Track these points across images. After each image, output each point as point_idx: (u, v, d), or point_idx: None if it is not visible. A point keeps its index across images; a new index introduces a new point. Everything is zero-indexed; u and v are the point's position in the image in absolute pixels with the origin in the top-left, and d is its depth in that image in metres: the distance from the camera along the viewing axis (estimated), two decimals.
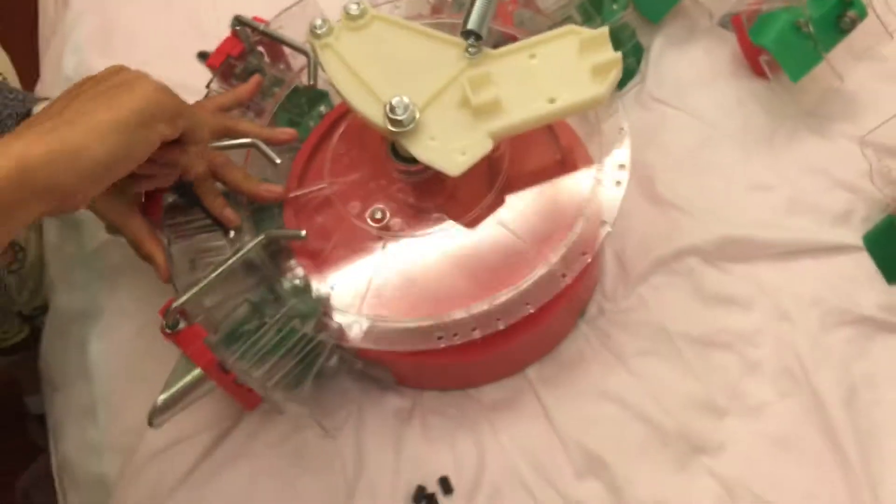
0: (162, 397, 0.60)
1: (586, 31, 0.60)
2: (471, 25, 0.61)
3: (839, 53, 0.76)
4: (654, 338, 0.69)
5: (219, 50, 0.71)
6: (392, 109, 0.58)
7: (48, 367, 0.79)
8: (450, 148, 0.58)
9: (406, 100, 0.58)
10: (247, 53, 0.72)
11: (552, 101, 0.59)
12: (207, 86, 0.71)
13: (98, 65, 0.83)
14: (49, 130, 0.48)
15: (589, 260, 0.59)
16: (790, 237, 0.72)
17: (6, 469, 1.06)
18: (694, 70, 0.81)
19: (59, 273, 0.79)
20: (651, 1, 0.81)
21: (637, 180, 0.75)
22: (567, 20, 0.72)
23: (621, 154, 0.63)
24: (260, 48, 0.73)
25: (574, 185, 0.64)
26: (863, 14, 0.72)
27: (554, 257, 0.60)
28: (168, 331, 0.60)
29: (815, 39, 0.72)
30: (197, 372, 0.60)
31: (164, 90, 0.54)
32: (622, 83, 0.81)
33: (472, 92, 0.58)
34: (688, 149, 0.77)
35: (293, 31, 0.73)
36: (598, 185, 0.62)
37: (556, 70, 0.60)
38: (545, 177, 0.65)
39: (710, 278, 0.71)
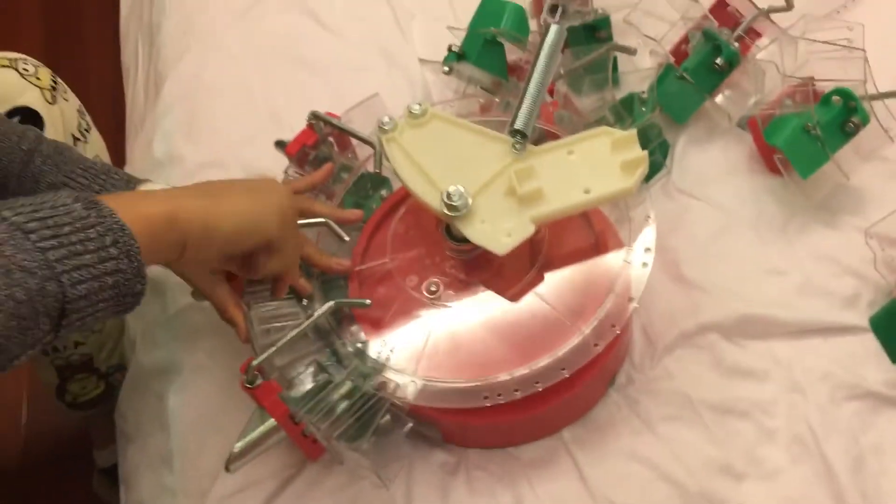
0: (239, 445, 0.68)
1: (618, 132, 0.69)
2: (518, 125, 0.70)
3: (846, 154, 0.84)
4: (678, 405, 0.76)
5: (296, 140, 0.81)
6: (449, 196, 0.67)
7: (124, 420, 0.87)
8: (497, 230, 0.67)
9: (461, 188, 0.67)
10: (320, 143, 0.82)
11: (587, 191, 0.67)
12: (285, 171, 0.81)
13: (184, 150, 0.94)
14: (200, 197, 0.60)
15: (618, 331, 0.66)
16: (802, 317, 0.79)
17: None
18: (714, 165, 0.89)
19: (141, 333, 0.87)
20: (676, 104, 0.89)
21: (663, 262, 0.83)
22: (601, 121, 0.82)
23: (648, 238, 0.71)
24: (331, 139, 0.83)
25: (605, 264, 0.72)
26: (865, 120, 0.80)
27: (587, 328, 0.67)
28: (248, 385, 0.68)
29: (822, 141, 0.80)
30: (271, 422, 0.68)
31: (291, 201, 0.67)
32: (650, 175, 0.89)
33: (518, 182, 0.67)
34: (709, 235, 0.84)
35: (360, 124, 0.83)
36: (627, 265, 0.70)
37: (591, 165, 0.69)
38: (580, 257, 0.73)
39: (730, 352, 0.78)
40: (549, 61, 0.73)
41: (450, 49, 0.89)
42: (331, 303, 0.70)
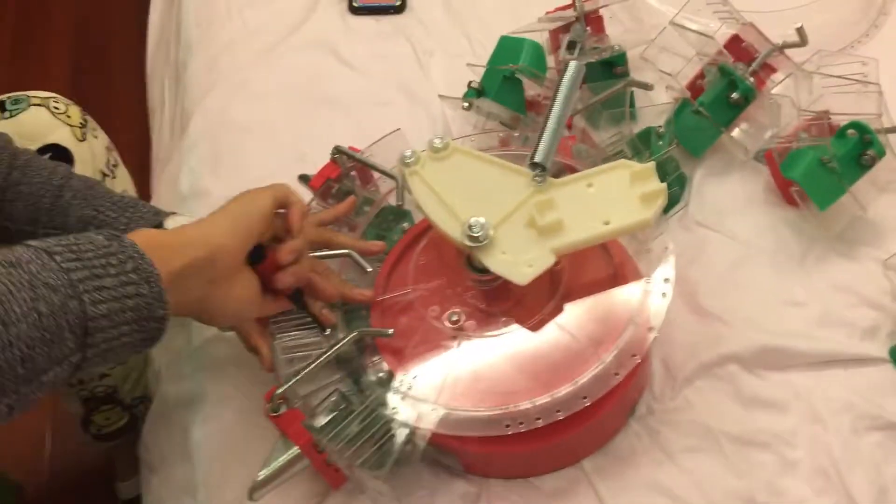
0: (262, 473, 0.69)
1: (637, 165, 0.70)
2: (537, 158, 0.72)
3: (863, 186, 0.84)
4: (699, 436, 0.76)
5: (320, 173, 0.83)
6: (470, 228, 0.68)
7: (148, 451, 0.88)
8: (518, 261, 0.68)
9: (482, 220, 0.68)
10: (343, 177, 0.84)
11: (607, 223, 0.69)
12: (308, 204, 0.83)
13: (210, 184, 0.96)
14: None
15: (638, 360, 0.67)
16: (822, 348, 0.79)
17: None
18: (732, 198, 0.90)
19: (166, 365, 0.89)
20: (693, 138, 0.91)
21: (681, 294, 0.84)
22: (619, 154, 0.83)
23: (667, 270, 0.72)
24: (353, 173, 0.85)
25: (625, 295, 0.73)
26: (881, 153, 0.81)
27: (607, 357, 0.68)
28: (272, 414, 0.69)
29: (838, 174, 0.81)
30: (295, 451, 0.69)
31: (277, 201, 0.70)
32: (668, 208, 0.90)
33: (538, 214, 0.68)
34: (727, 267, 0.85)
35: (382, 158, 0.85)
36: (647, 295, 0.71)
37: (611, 197, 0.70)
38: (599, 287, 0.74)
39: (750, 383, 0.78)
40: (568, 96, 0.74)
41: (469, 85, 0.91)
42: (354, 332, 0.72)
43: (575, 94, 0.75)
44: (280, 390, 0.69)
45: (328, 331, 0.74)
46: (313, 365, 0.70)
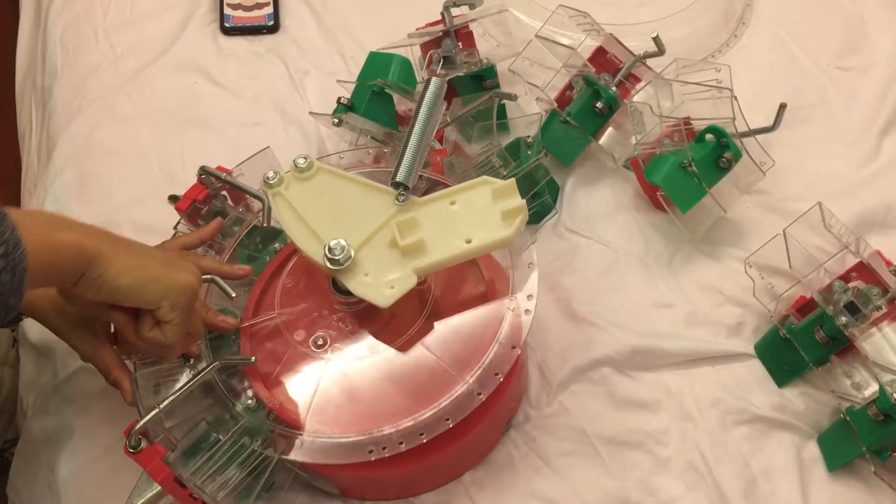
0: None
1: (498, 182, 0.68)
2: (399, 178, 0.69)
3: (726, 188, 0.87)
4: (574, 440, 0.77)
5: (186, 196, 0.81)
6: (331, 251, 0.66)
7: (17, 494, 0.83)
8: (380, 283, 0.66)
9: (343, 242, 0.66)
10: (211, 198, 0.82)
11: (468, 241, 0.66)
12: (175, 227, 0.80)
13: (76, 212, 0.93)
14: (112, 244, 0.60)
15: (501, 379, 0.66)
16: (690, 347, 0.81)
17: None
18: (602, 205, 0.92)
19: (32, 402, 0.85)
20: (563, 147, 0.93)
21: (556, 300, 0.85)
22: (486, 164, 0.84)
23: (531, 285, 0.71)
24: (224, 193, 0.83)
25: (490, 313, 0.71)
26: (738, 155, 0.84)
27: (471, 378, 0.67)
28: (131, 450, 0.66)
29: (698, 177, 0.84)
30: (157, 488, 0.66)
31: (195, 290, 0.65)
32: (540, 217, 0.92)
33: (399, 234, 0.66)
34: (599, 272, 0.87)
35: (252, 178, 0.82)
36: (510, 313, 0.70)
37: (473, 215, 0.68)
38: (466, 306, 0.73)
39: (623, 385, 0.80)
40: (430, 113, 0.73)
41: (339, 101, 0.90)
42: (215, 363, 0.69)
43: (438, 111, 0.74)
44: (139, 426, 0.66)
45: (191, 360, 0.72)
46: (171, 398, 0.67)
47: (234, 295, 0.72)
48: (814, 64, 1.05)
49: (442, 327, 0.72)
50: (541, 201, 0.90)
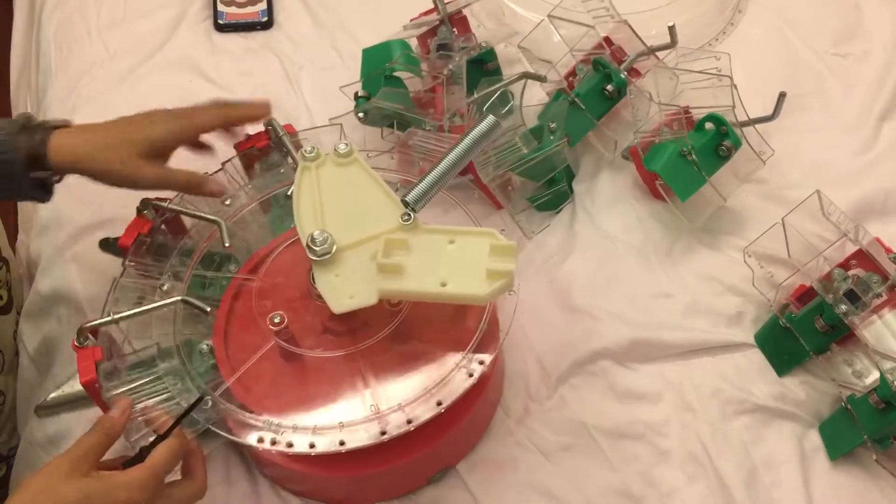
0: (52, 395, 0.79)
1: (502, 239, 0.65)
2: (409, 198, 0.67)
3: (725, 177, 0.87)
4: (574, 433, 0.76)
5: (128, 230, 0.78)
6: (313, 240, 0.65)
7: None
8: (344, 288, 0.64)
9: (327, 235, 0.65)
10: (155, 231, 0.79)
11: (444, 284, 0.63)
12: (123, 264, 0.76)
13: (70, 210, 0.92)
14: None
15: (412, 429, 0.64)
16: (690, 337, 0.81)
17: None
18: (601, 195, 0.91)
19: (31, 404, 0.84)
20: (567, 129, 0.90)
21: (555, 292, 0.84)
22: (511, 145, 0.85)
23: (485, 354, 0.68)
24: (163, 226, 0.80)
25: (440, 361, 0.68)
26: (737, 143, 0.84)
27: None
28: (76, 345, 0.69)
29: (698, 165, 0.83)
30: (79, 388, 0.68)
31: None
32: (557, 203, 0.91)
33: (383, 251, 0.64)
34: (598, 263, 0.86)
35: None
36: (455, 369, 0.67)
37: (461, 261, 0.65)
38: (427, 344, 0.70)
39: (623, 376, 0.79)
40: (470, 145, 0.69)
41: (356, 96, 0.89)
42: (178, 297, 0.71)
43: (478, 148, 0.70)
44: (88, 324, 0.69)
45: (165, 286, 0.74)
46: (127, 313, 0.70)
47: (208, 310, 0.72)
48: (811, 51, 1.04)
49: (403, 347, 0.70)
50: (557, 188, 0.89)
